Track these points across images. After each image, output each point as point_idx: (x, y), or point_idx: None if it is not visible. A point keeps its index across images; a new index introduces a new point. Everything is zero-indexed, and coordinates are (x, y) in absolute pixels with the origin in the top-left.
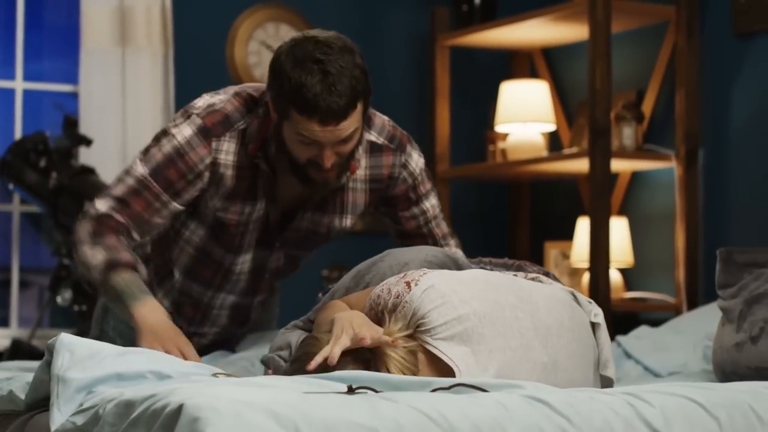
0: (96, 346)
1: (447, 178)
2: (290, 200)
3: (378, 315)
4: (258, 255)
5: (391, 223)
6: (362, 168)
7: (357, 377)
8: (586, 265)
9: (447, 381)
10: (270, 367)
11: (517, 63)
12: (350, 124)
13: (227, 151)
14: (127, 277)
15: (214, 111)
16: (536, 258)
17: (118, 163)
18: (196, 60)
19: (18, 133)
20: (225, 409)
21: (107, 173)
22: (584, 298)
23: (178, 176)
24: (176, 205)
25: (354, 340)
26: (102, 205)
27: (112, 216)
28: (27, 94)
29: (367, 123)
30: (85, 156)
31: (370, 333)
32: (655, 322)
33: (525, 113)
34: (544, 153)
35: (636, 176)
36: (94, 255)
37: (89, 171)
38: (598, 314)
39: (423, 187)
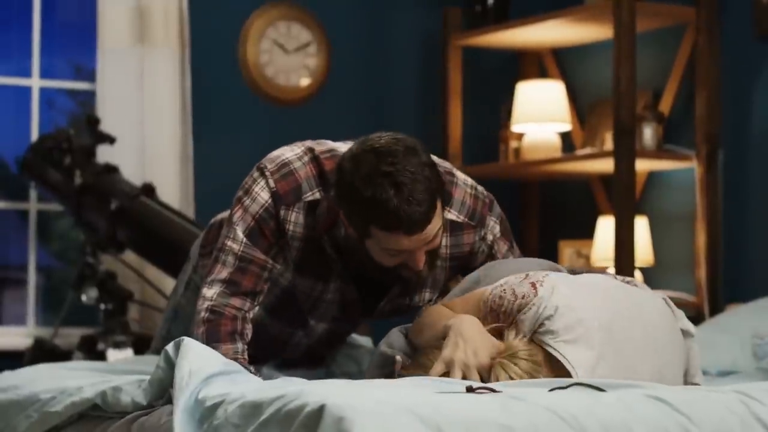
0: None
1: None
2: (367, 279)
3: (499, 316)
4: (332, 326)
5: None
6: (443, 247)
7: None
8: (607, 263)
9: (564, 381)
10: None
11: (527, 63)
12: (434, 225)
13: (295, 222)
14: None
15: (288, 175)
16: (550, 256)
17: (135, 162)
18: (210, 59)
19: (35, 132)
20: (369, 409)
21: (124, 171)
22: (675, 307)
23: (272, 235)
24: (277, 266)
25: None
26: (210, 292)
27: (227, 305)
28: (22, 90)
29: (446, 200)
30: (102, 154)
31: (481, 361)
32: None
33: (540, 113)
34: (559, 153)
35: (652, 176)
36: None
37: (113, 169)
38: (689, 324)
39: (499, 254)
